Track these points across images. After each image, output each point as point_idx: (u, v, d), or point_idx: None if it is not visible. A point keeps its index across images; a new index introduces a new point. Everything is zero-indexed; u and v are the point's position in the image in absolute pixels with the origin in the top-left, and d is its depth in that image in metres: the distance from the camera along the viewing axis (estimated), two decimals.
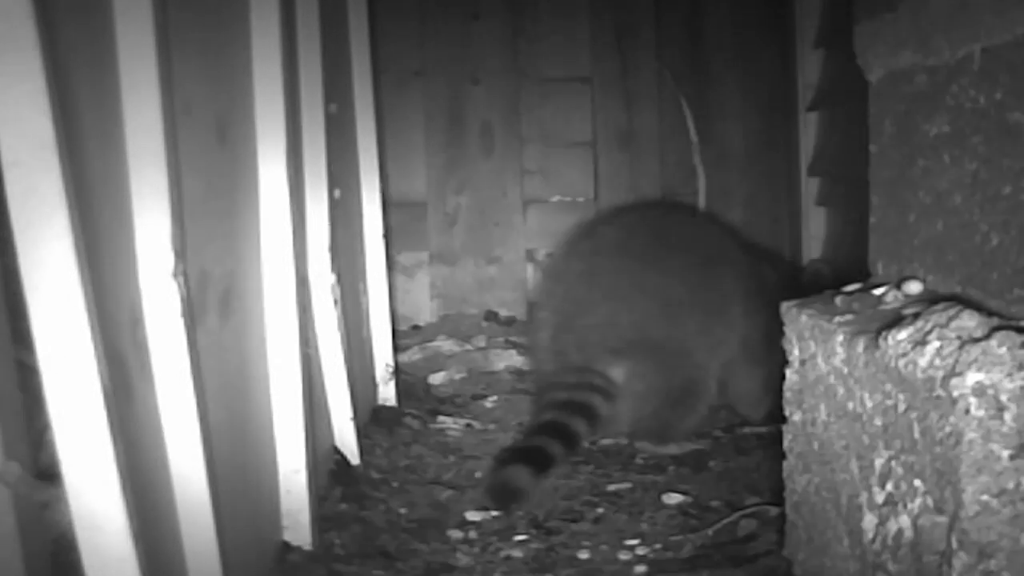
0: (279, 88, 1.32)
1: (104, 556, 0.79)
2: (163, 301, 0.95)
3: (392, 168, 2.57)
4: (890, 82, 1.19)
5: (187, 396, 0.97)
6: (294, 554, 1.32)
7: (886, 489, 0.95)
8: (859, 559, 1.01)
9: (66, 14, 0.79)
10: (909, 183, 1.14)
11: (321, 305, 1.63)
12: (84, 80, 0.83)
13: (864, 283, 1.20)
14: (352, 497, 1.56)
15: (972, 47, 0.98)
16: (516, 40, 2.66)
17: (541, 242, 2.69)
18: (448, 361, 2.45)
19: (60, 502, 0.80)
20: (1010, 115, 0.92)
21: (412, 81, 2.64)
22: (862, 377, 0.99)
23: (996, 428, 0.79)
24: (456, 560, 1.43)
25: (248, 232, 1.28)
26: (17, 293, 0.76)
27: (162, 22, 0.93)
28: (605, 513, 1.62)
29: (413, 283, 2.69)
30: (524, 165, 2.68)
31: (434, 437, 2.00)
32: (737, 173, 2.68)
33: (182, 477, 0.98)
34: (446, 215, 2.68)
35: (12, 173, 0.74)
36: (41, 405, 0.78)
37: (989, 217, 0.96)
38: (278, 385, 1.33)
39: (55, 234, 0.75)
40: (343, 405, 1.69)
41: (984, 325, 0.85)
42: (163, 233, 0.94)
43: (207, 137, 1.14)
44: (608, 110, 2.67)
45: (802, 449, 1.19)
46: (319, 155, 1.62)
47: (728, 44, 2.66)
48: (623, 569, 1.40)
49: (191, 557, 0.99)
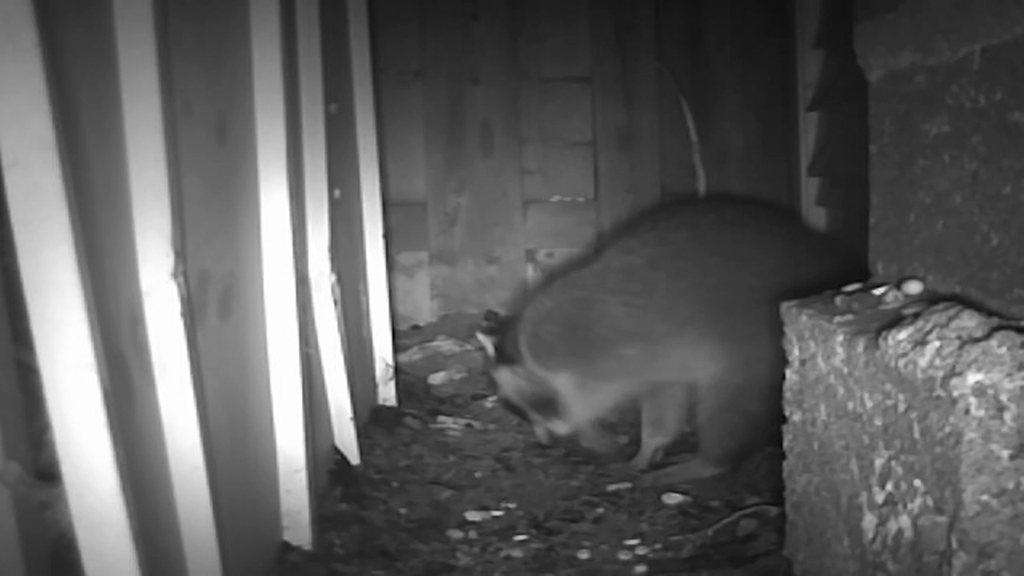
0: (279, 88, 1.32)
1: (104, 556, 0.79)
2: (163, 301, 0.95)
3: (392, 168, 2.58)
4: (890, 82, 1.19)
5: (187, 396, 0.97)
6: (294, 554, 1.32)
7: (886, 489, 0.95)
8: (859, 559, 1.01)
9: (66, 14, 0.79)
10: (909, 183, 1.14)
11: (321, 305, 1.63)
12: (84, 80, 0.83)
13: (864, 283, 1.20)
14: (352, 497, 1.56)
15: (972, 47, 0.98)
16: (516, 40, 2.66)
17: (541, 242, 2.69)
18: (448, 361, 2.45)
19: (60, 502, 0.80)
20: (1010, 115, 0.92)
21: (412, 81, 2.64)
22: (862, 377, 0.99)
23: (996, 428, 0.79)
24: (456, 560, 1.43)
25: (248, 232, 1.28)
26: (17, 293, 0.76)
27: (162, 22, 0.93)
28: (605, 513, 1.62)
29: (413, 283, 2.69)
30: (524, 165, 2.68)
31: (434, 437, 2.00)
32: (737, 173, 2.68)
33: (182, 477, 0.98)
34: (446, 215, 2.68)
35: (12, 173, 0.74)
36: (41, 405, 0.78)
37: (989, 217, 0.96)
38: (278, 385, 1.33)
39: (55, 234, 0.75)
40: (343, 405, 1.69)
41: (984, 325, 0.85)
42: (163, 233, 0.94)
43: (207, 137, 1.14)
44: (608, 110, 2.67)
45: (802, 449, 1.19)
46: (319, 155, 1.62)
47: (728, 44, 2.66)
48: (623, 569, 1.40)
49: (191, 557, 0.99)
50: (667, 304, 1.71)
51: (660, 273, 1.73)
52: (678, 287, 1.71)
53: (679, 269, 1.72)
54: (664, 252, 1.76)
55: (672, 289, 1.71)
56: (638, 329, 1.72)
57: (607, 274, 1.78)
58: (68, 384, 0.77)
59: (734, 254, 1.72)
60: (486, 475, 1.81)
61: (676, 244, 1.77)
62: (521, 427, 2.09)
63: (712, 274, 1.70)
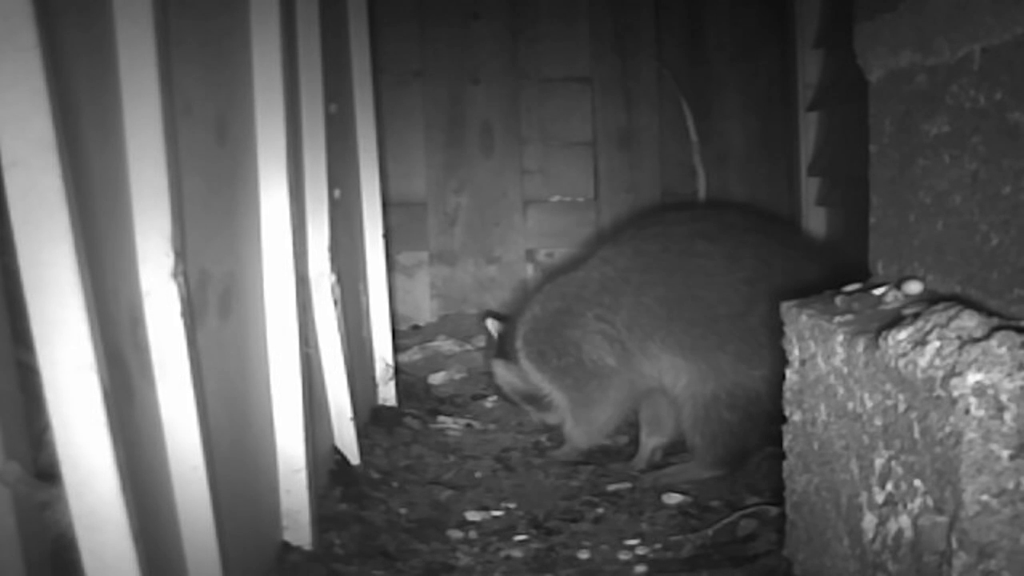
0: (279, 88, 1.32)
1: (104, 556, 0.79)
2: (163, 301, 0.95)
3: (392, 168, 2.58)
4: (890, 82, 1.19)
5: (187, 396, 0.97)
6: (294, 554, 1.32)
7: (886, 489, 0.95)
8: (859, 559, 1.01)
9: (66, 14, 0.79)
10: (909, 183, 1.14)
11: (321, 305, 1.63)
12: (84, 80, 0.83)
13: (864, 283, 1.20)
14: (352, 497, 1.56)
15: (972, 47, 0.98)
16: (516, 40, 2.66)
17: (541, 242, 2.69)
18: (448, 361, 2.45)
19: (60, 502, 0.80)
20: (1010, 115, 0.92)
21: (412, 81, 2.64)
22: (862, 377, 0.99)
23: (996, 428, 0.79)
24: (456, 560, 1.43)
25: (248, 232, 1.28)
26: (17, 293, 0.76)
27: (162, 22, 0.93)
28: (605, 513, 1.62)
29: (413, 283, 2.69)
30: (524, 165, 2.68)
31: (434, 437, 2.00)
32: (737, 173, 2.68)
33: (182, 477, 0.98)
34: (446, 215, 2.68)
35: (12, 173, 0.74)
36: (41, 405, 0.78)
37: (989, 217, 0.96)
38: (278, 385, 1.33)
39: (55, 234, 0.75)
40: (343, 405, 1.69)
41: (984, 325, 0.85)
42: (163, 233, 0.94)
43: (207, 137, 1.14)
44: (608, 110, 2.67)
45: (802, 449, 1.19)
46: (319, 155, 1.62)
47: (728, 44, 2.66)
48: (623, 569, 1.40)
49: (191, 557, 0.99)
50: (631, 317, 1.76)
51: (628, 286, 1.78)
52: (642, 300, 1.76)
53: (644, 282, 1.77)
54: (634, 264, 1.80)
55: (636, 302, 1.76)
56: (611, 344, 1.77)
57: (587, 284, 1.83)
58: (68, 384, 0.77)
59: (698, 268, 1.74)
60: (486, 475, 1.81)
61: (646, 256, 1.81)
62: (521, 427, 2.09)
63: (675, 288, 1.74)
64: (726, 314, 1.68)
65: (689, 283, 1.73)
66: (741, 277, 1.70)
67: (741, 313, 1.67)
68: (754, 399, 1.68)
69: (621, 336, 1.77)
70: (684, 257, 1.76)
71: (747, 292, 1.67)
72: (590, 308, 1.79)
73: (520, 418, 2.12)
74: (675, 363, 1.73)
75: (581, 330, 1.79)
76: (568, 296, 1.84)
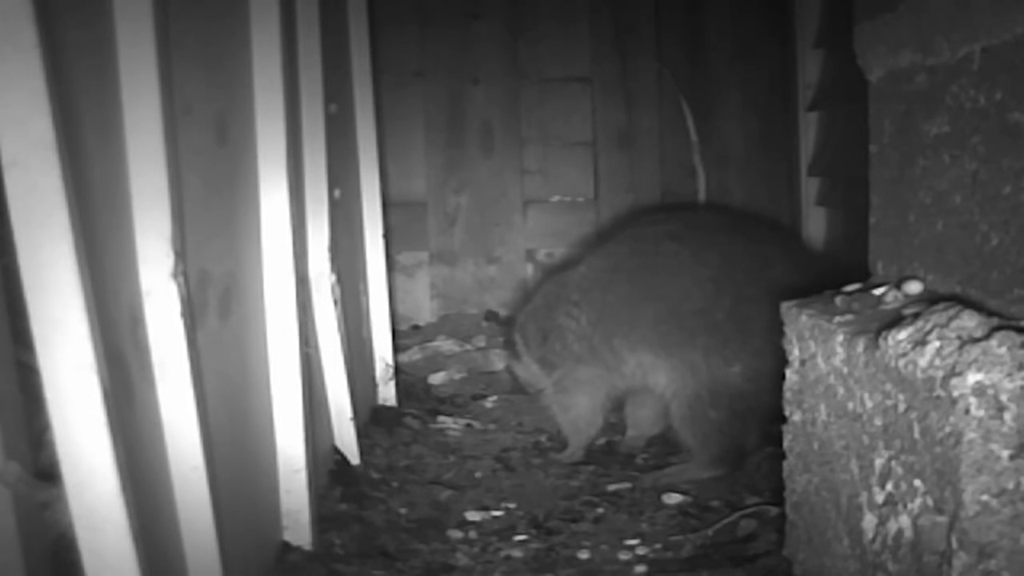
0: (279, 88, 1.32)
1: (104, 556, 0.79)
2: (163, 301, 0.95)
3: (392, 168, 2.57)
4: (890, 82, 1.19)
5: (187, 396, 0.97)
6: (294, 554, 1.32)
7: (886, 489, 0.95)
8: (859, 559, 1.01)
9: (66, 14, 0.79)
10: (909, 183, 1.14)
11: (321, 305, 1.63)
12: (84, 80, 0.83)
13: (864, 283, 1.20)
14: (352, 497, 1.56)
15: (972, 47, 0.98)
16: (516, 40, 2.66)
17: (541, 242, 2.69)
18: (448, 361, 2.45)
19: (60, 502, 0.80)
20: (1010, 115, 0.92)
21: (412, 81, 2.64)
22: (862, 377, 0.99)
23: (996, 428, 0.79)
24: (456, 560, 1.43)
25: (248, 232, 1.28)
26: (17, 293, 0.76)
27: (162, 22, 0.93)
28: (605, 513, 1.62)
29: (413, 283, 2.69)
30: (524, 165, 2.68)
31: (434, 437, 2.00)
32: (737, 173, 2.68)
33: (182, 477, 0.98)
34: (446, 215, 2.68)
35: (12, 173, 0.74)
36: (41, 405, 0.78)
37: (989, 217, 0.96)
38: (278, 385, 1.33)
39: (55, 234, 0.75)
40: (343, 405, 1.69)
41: (984, 325, 0.85)
42: (163, 233, 0.94)
43: (207, 137, 1.14)
44: (608, 110, 2.67)
45: (802, 449, 1.19)
46: (319, 155, 1.62)
47: (728, 44, 2.66)
48: (623, 569, 1.40)
49: (191, 557, 0.99)
50: (597, 314, 1.82)
51: (597, 285, 1.84)
52: (607, 299, 1.81)
53: (611, 281, 1.83)
54: (605, 264, 1.86)
55: (603, 300, 1.82)
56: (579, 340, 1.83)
57: (566, 283, 1.90)
58: (68, 384, 0.77)
59: (664, 266, 1.77)
60: (486, 475, 1.81)
61: (616, 256, 1.87)
62: (521, 427, 2.09)
63: (639, 286, 1.79)
64: (691, 310, 1.71)
65: (654, 281, 1.77)
66: (706, 275, 1.73)
67: (706, 309, 1.70)
68: (736, 396, 1.70)
69: (586, 333, 1.82)
70: (651, 256, 1.81)
71: (712, 289, 1.71)
72: (563, 305, 1.86)
73: (520, 418, 2.12)
74: (648, 360, 1.76)
75: (556, 324, 1.86)
76: (549, 294, 1.93)
